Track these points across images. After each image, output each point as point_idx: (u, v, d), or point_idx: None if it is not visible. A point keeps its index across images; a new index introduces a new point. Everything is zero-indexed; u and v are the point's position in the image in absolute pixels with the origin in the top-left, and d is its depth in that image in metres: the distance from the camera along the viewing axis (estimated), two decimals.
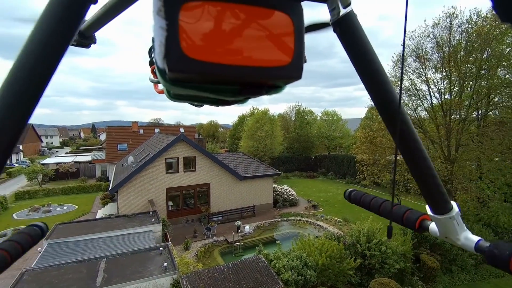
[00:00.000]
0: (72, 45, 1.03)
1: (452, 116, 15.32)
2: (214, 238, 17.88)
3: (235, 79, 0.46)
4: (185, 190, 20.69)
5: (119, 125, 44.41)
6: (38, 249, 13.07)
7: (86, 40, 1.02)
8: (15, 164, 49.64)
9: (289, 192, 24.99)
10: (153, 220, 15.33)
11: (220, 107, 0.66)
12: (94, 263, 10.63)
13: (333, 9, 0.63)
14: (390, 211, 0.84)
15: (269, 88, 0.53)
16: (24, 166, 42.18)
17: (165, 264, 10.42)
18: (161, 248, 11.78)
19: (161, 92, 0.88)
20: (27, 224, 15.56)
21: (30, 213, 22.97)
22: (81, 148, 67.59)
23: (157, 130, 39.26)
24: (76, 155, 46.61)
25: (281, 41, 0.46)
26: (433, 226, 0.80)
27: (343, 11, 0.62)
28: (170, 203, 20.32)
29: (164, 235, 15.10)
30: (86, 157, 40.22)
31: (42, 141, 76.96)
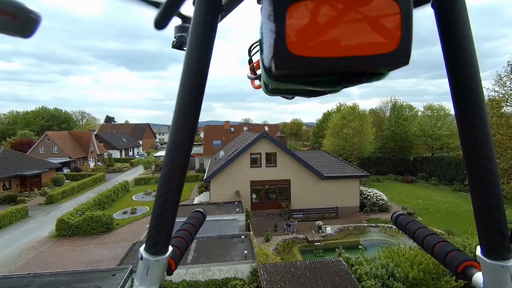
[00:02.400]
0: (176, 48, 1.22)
1: None
2: (294, 234, 17.88)
3: (338, 70, 0.48)
4: (267, 185, 21.37)
5: (216, 124, 49.41)
6: (147, 226, 15.73)
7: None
8: (136, 156, 60.93)
9: (380, 196, 22.81)
10: (238, 209, 16.42)
11: (311, 98, 0.67)
12: None
13: None
14: (433, 246, 0.71)
15: (370, 75, 0.52)
16: (142, 158, 51.34)
17: (246, 252, 11.01)
18: (243, 236, 12.51)
19: (257, 87, 0.94)
20: (141, 204, 18.94)
21: (144, 196, 27.87)
22: None
23: (245, 128, 41.79)
24: None
25: (385, 27, 0.44)
26: (478, 276, 0.62)
27: None
28: (254, 196, 21.34)
29: (247, 225, 15.96)
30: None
31: (156, 138, 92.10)
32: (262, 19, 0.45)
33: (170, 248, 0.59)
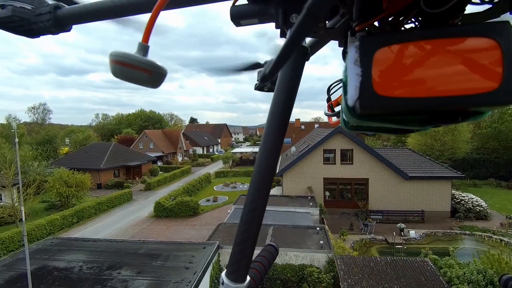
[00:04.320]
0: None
1: None
2: (372, 235, 17.06)
3: (428, 111, 0.46)
4: (342, 183, 20.82)
5: None
6: (228, 211, 17.24)
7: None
8: (215, 152, 66.52)
9: (476, 201, 19.85)
10: (311, 204, 16.56)
11: None
12: (264, 228, 12.88)
13: None
14: None
15: (466, 114, 0.47)
16: (220, 154, 55.89)
17: (321, 242, 11.16)
18: (318, 228, 12.67)
19: (335, 123, 0.96)
20: (221, 194, 20.62)
21: (223, 187, 30.40)
22: (257, 142, 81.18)
23: (316, 125, 41.26)
24: (254, 147, 56.76)
25: (484, 67, 0.41)
26: None
27: None
28: (327, 193, 21.06)
29: (321, 219, 15.97)
30: None
31: (232, 137, 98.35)
32: (348, 64, 0.46)
33: (248, 278, 0.60)
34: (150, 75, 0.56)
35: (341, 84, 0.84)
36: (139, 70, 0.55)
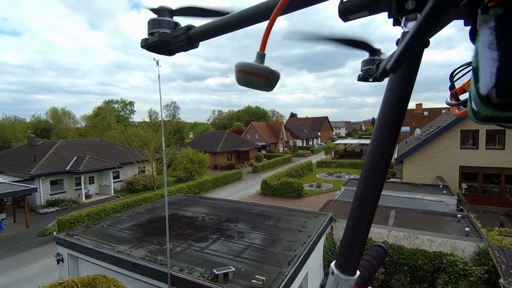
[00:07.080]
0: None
1: None
2: None
3: None
4: (487, 173, 16.42)
5: None
6: (337, 192, 16.09)
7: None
8: (315, 145, 65.41)
9: None
10: (444, 192, 13.60)
11: None
12: (384, 210, 11.24)
13: None
14: None
15: None
16: (320, 146, 54.59)
17: (467, 229, 8.85)
18: (459, 215, 10.17)
19: (459, 114, 0.87)
20: (325, 181, 19.60)
21: (327, 175, 29.20)
22: (363, 136, 75.61)
23: (444, 111, 34.49)
24: (360, 139, 52.79)
25: None
26: None
27: None
28: (464, 186, 17.03)
29: (459, 210, 12.90)
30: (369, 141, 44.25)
31: (333, 131, 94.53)
32: (480, 47, 0.40)
33: (358, 273, 0.58)
34: (267, 80, 0.62)
35: (468, 69, 0.78)
36: (258, 76, 0.61)
